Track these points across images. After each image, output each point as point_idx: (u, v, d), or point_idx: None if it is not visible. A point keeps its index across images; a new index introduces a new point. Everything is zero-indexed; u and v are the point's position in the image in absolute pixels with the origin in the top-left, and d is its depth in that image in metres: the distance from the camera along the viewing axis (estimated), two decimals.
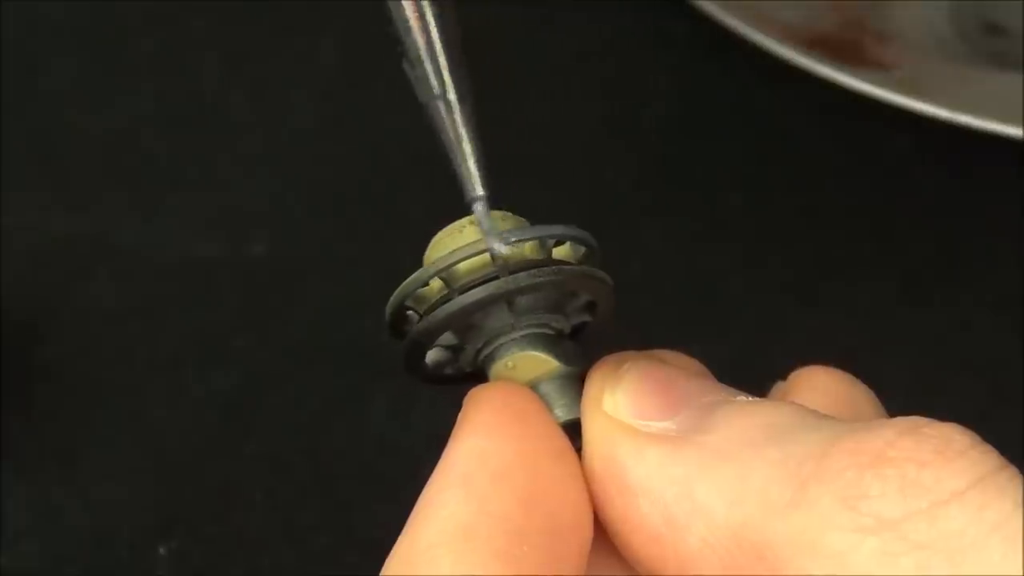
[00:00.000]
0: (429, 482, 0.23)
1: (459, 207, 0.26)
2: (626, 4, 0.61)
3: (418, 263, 0.26)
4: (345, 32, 0.60)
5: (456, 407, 0.45)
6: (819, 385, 0.26)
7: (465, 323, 0.25)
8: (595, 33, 0.61)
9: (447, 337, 0.26)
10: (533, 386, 0.25)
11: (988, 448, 0.20)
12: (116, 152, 0.55)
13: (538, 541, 0.22)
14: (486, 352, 0.25)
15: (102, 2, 0.62)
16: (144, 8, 0.61)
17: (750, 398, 0.23)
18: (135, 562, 0.41)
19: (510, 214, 0.25)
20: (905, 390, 0.45)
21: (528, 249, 0.25)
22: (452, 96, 0.24)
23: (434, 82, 0.24)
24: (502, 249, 0.24)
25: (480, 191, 0.24)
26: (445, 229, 0.25)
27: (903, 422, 0.21)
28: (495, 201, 0.24)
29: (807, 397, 0.26)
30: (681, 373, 0.24)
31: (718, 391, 0.24)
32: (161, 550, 0.41)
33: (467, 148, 0.24)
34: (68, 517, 0.42)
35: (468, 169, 0.24)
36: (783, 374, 0.28)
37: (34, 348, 0.47)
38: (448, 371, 0.26)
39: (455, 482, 0.23)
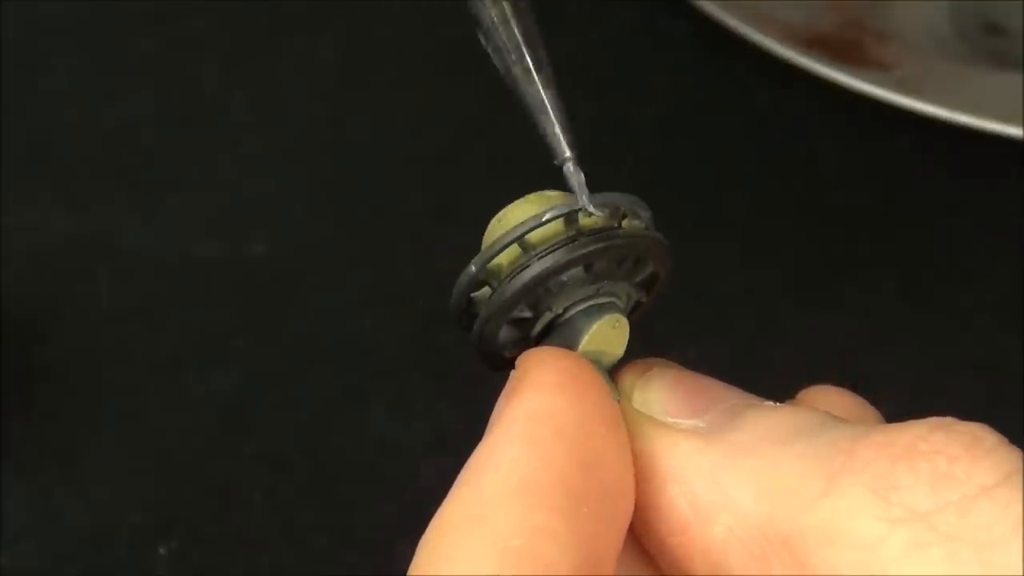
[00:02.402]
0: (486, 438, 0.23)
1: (458, 207, 0.26)
2: (626, 4, 0.61)
3: (418, 263, 0.27)
4: (345, 32, 0.60)
5: (455, 407, 0.45)
6: (830, 402, 0.27)
7: (548, 288, 0.25)
8: (595, 33, 0.61)
9: (524, 310, 0.26)
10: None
11: (1014, 448, 0.21)
12: (116, 152, 0.55)
13: (595, 504, 0.22)
14: (587, 304, 0.25)
15: (102, 2, 0.62)
16: (144, 8, 0.61)
17: (775, 404, 0.24)
18: (135, 562, 0.41)
19: (557, 192, 0.26)
20: (905, 390, 0.45)
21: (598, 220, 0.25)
22: (529, 63, 0.25)
23: (512, 51, 0.25)
24: (591, 209, 0.25)
25: (568, 152, 0.25)
26: (509, 205, 0.26)
27: (932, 420, 0.21)
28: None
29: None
30: (706, 378, 0.25)
31: (744, 396, 0.24)
32: (161, 550, 0.41)
33: (551, 112, 0.25)
34: (68, 517, 0.42)
35: (554, 133, 0.25)
36: (783, 374, 0.28)
37: (34, 348, 0.47)
38: (517, 344, 0.26)
39: (518, 437, 0.23)
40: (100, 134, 0.56)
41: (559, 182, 0.27)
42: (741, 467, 0.22)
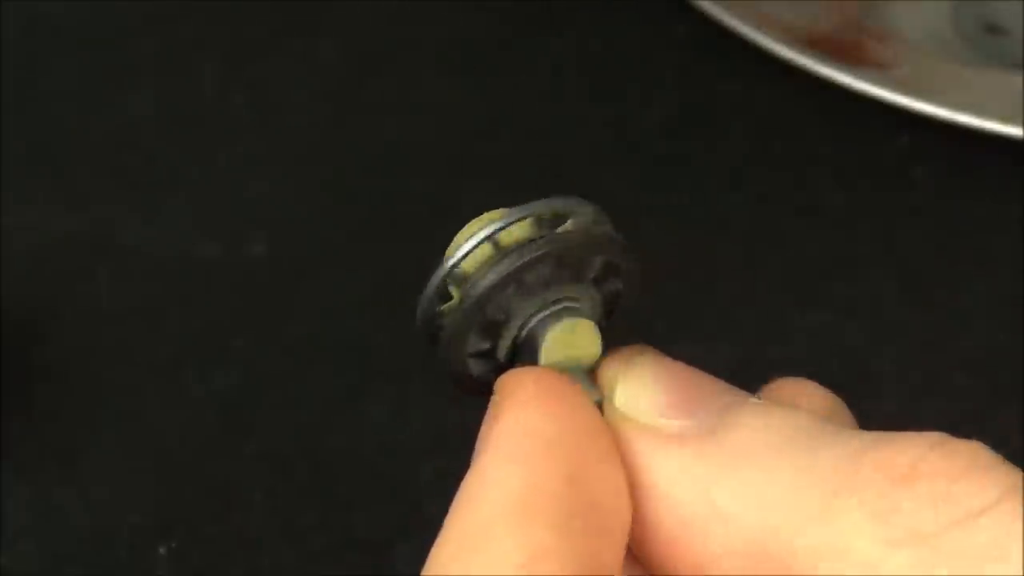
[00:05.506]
0: (475, 460, 0.23)
1: (458, 207, 0.26)
2: (626, 4, 0.61)
3: (418, 263, 0.27)
4: (345, 32, 0.60)
5: (455, 407, 0.45)
6: (804, 398, 0.26)
7: (489, 319, 0.25)
8: (595, 33, 0.61)
9: (482, 340, 0.25)
10: (561, 369, 0.25)
11: (1011, 464, 0.21)
12: (116, 152, 0.55)
13: (589, 517, 0.22)
14: (543, 315, 0.25)
15: (102, 2, 0.62)
16: (144, 8, 0.61)
17: (761, 400, 0.24)
18: (135, 562, 0.41)
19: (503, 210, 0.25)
20: (905, 390, 0.45)
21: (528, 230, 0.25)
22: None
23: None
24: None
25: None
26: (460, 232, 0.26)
27: (928, 437, 0.21)
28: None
29: None
30: (691, 370, 0.24)
31: (733, 391, 0.24)
32: (161, 550, 0.41)
33: None
34: (68, 517, 0.42)
35: None
36: (783, 374, 0.27)
37: (34, 348, 0.47)
38: (488, 370, 0.26)
39: (503, 458, 0.22)
40: (100, 134, 0.56)
41: (557, 182, 0.27)
42: (733, 479, 0.22)
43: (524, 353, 0.25)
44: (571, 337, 0.25)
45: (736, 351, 0.46)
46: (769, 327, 0.48)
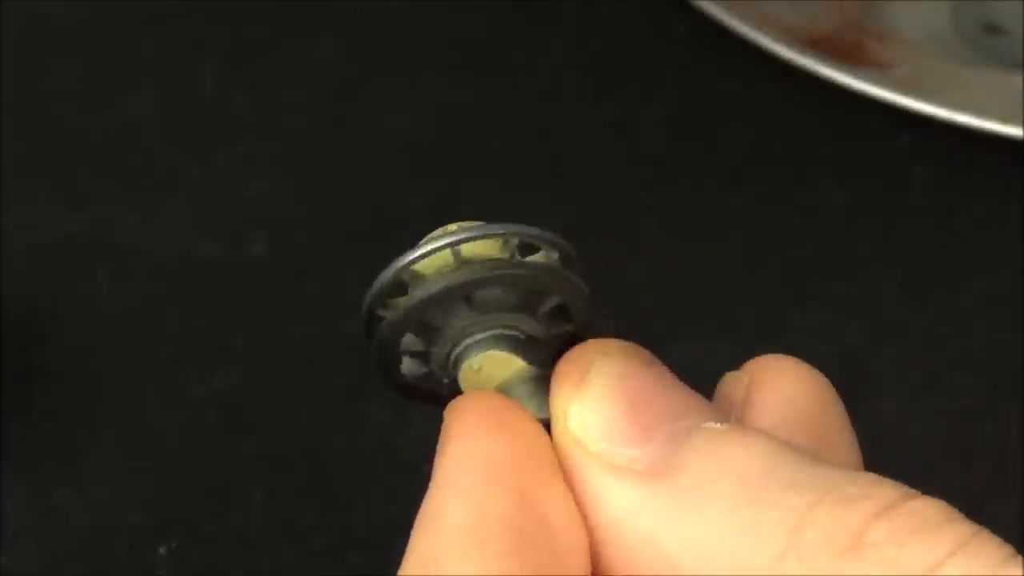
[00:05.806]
0: (429, 487, 0.23)
1: (458, 207, 0.26)
2: (626, 4, 0.61)
3: None
4: (345, 32, 0.60)
5: None
6: (784, 380, 0.26)
7: (427, 323, 0.25)
8: (595, 33, 0.61)
9: (416, 343, 0.26)
10: (503, 390, 0.25)
11: (961, 518, 0.20)
12: (116, 152, 0.55)
13: (539, 539, 0.22)
14: (454, 355, 0.25)
15: (102, 2, 0.62)
16: (144, 8, 0.61)
17: (719, 425, 0.23)
18: (135, 562, 0.41)
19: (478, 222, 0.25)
20: (905, 390, 0.45)
21: (493, 249, 0.24)
22: None
23: None
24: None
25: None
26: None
27: (883, 495, 0.21)
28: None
29: (770, 400, 0.25)
30: (653, 379, 0.24)
31: (690, 412, 0.23)
32: (161, 550, 0.41)
33: None
34: (68, 517, 0.42)
35: None
36: None
37: (34, 348, 0.47)
38: (425, 384, 0.26)
39: (450, 488, 0.23)
40: (100, 134, 0.56)
41: (557, 182, 0.27)
42: (680, 525, 0.22)
43: (452, 370, 0.25)
44: (478, 375, 0.25)
45: (736, 351, 0.46)
46: (769, 327, 0.48)
